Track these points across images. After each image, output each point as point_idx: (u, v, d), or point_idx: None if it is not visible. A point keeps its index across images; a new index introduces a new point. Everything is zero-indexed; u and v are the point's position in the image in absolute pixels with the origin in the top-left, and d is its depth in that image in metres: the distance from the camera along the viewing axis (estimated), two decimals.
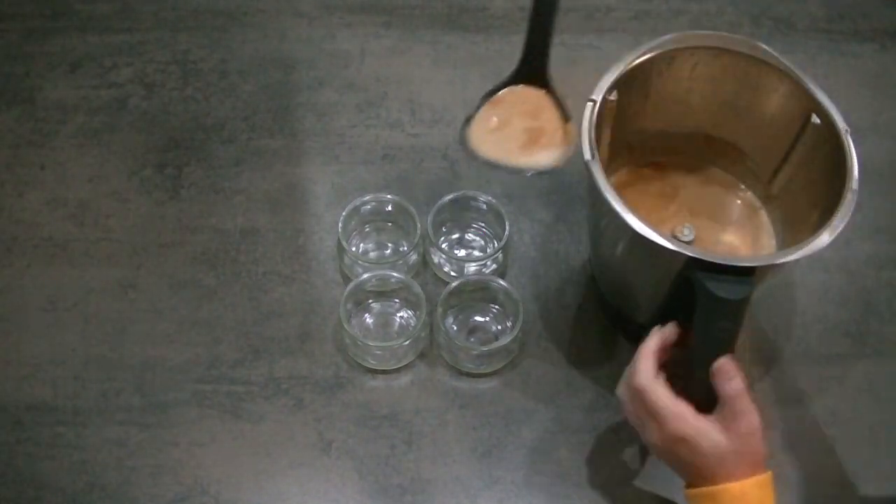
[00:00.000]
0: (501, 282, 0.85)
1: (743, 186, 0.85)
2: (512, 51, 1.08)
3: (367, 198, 0.90)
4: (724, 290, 0.63)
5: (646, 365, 0.68)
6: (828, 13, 1.12)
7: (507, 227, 0.88)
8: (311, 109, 1.03)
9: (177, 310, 0.88)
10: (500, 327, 0.86)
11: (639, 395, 0.67)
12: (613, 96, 0.75)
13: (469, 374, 0.85)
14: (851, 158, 0.70)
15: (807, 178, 0.77)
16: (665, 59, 0.77)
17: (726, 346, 0.65)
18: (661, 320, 0.70)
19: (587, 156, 0.70)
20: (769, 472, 0.65)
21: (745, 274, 0.64)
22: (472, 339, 0.85)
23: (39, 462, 0.80)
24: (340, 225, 0.88)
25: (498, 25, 1.10)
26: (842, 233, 0.68)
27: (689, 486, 0.67)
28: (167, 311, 0.88)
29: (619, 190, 0.69)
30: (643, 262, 0.73)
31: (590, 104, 0.72)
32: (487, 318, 0.87)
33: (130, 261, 0.91)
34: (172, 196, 0.96)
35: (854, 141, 0.71)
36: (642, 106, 0.80)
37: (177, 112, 1.02)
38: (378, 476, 0.80)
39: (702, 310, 0.65)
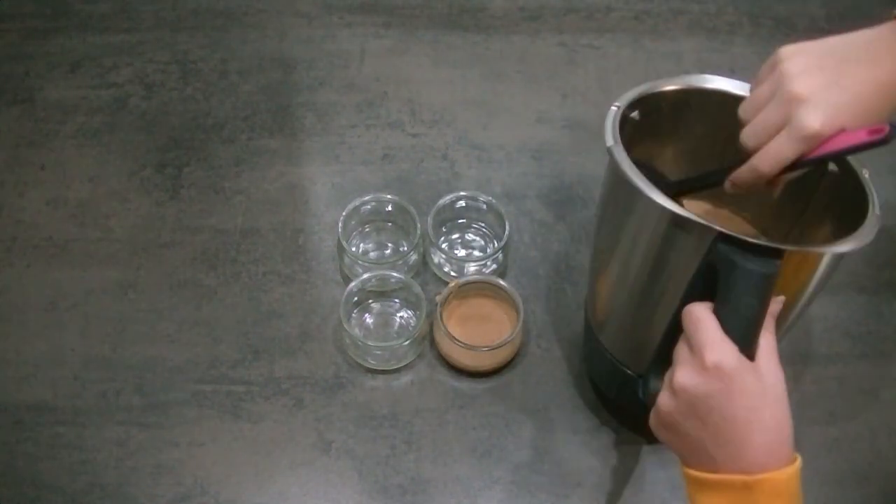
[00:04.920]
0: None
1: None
2: (512, 51, 1.09)
3: (367, 198, 0.90)
4: (752, 263, 0.59)
5: (700, 304, 0.61)
6: (828, 13, 1.12)
7: (507, 227, 0.88)
8: (311, 109, 1.03)
9: (177, 310, 0.88)
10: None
11: (687, 320, 0.60)
12: (636, 115, 0.72)
13: (469, 374, 0.85)
14: (873, 198, 0.67)
15: (825, 221, 0.74)
16: (693, 95, 0.73)
17: (752, 327, 0.60)
18: (664, 354, 0.66)
19: (609, 142, 0.66)
20: (799, 458, 0.57)
21: (774, 256, 0.60)
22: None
23: (39, 462, 0.80)
24: (340, 225, 0.88)
25: (498, 25, 1.11)
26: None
27: (704, 467, 0.58)
28: (167, 311, 0.88)
29: None
30: (669, 249, 0.68)
31: (613, 108, 0.69)
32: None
33: (130, 261, 0.91)
34: (172, 196, 0.96)
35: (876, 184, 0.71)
36: (669, 143, 0.77)
37: (177, 112, 1.02)
38: (378, 476, 0.80)
39: (727, 288, 0.61)
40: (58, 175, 0.97)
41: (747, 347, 0.59)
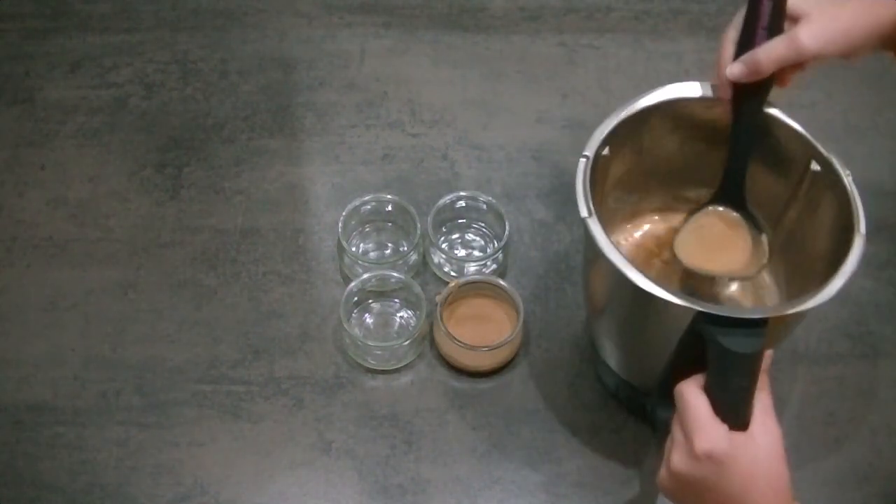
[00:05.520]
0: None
1: None
2: (512, 51, 1.09)
3: (367, 198, 0.90)
4: (736, 343, 0.60)
5: (692, 381, 0.63)
6: None
7: (507, 227, 0.88)
8: (311, 109, 1.03)
9: (177, 310, 0.88)
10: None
11: (679, 403, 0.63)
12: (607, 151, 0.72)
13: (469, 374, 0.85)
14: (856, 202, 0.68)
15: (809, 228, 0.75)
16: (656, 112, 0.74)
17: (743, 404, 0.62)
18: (669, 382, 0.66)
19: (584, 213, 0.68)
20: None
21: (758, 326, 0.61)
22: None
23: (39, 462, 0.80)
24: (340, 225, 0.88)
25: (498, 25, 1.11)
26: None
27: None
28: (167, 311, 0.88)
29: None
30: (650, 321, 0.70)
31: (583, 160, 0.70)
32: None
33: (130, 261, 0.91)
34: (172, 196, 0.96)
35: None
36: (636, 162, 0.78)
37: (177, 112, 1.02)
38: (378, 476, 0.80)
39: (714, 367, 0.62)
40: (58, 175, 0.97)
41: (739, 422, 0.61)
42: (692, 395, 0.62)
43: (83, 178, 0.97)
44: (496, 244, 0.89)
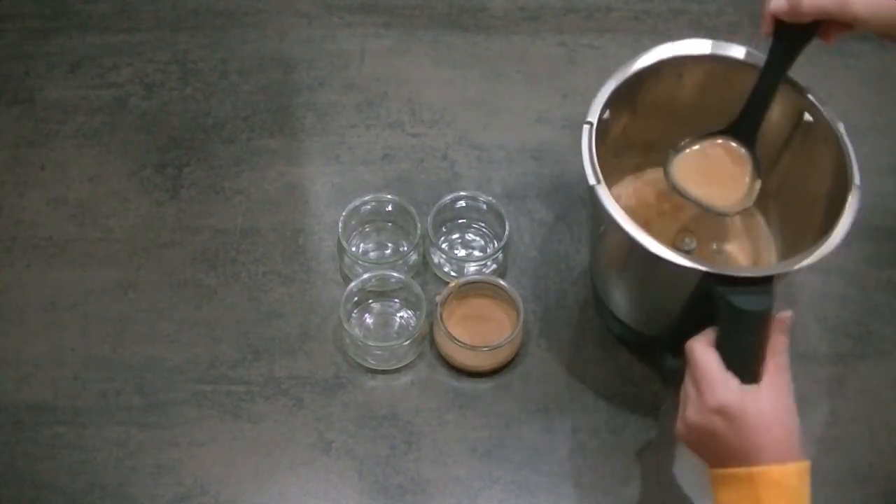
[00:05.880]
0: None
1: None
2: (512, 51, 1.09)
3: (367, 198, 0.90)
4: (746, 302, 0.63)
5: (703, 337, 0.66)
6: None
7: (507, 227, 0.88)
8: (311, 109, 1.03)
9: (177, 310, 0.88)
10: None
11: (689, 360, 0.66)
12: (608, 115, 0.75)
13: (469, 374, 0.85)
14: (850, 154, 0.70)
15: (803, 181, 0.77)
16: (652, 72, 0.77)
17: (752, 362, 0.64)
18: (677, 334, 0.69)
19: (592, 180, 0.70)
20: (807, 462, 0.62)
21: (765, 283, 0.64)
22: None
23: (39, 462, 0.80)
24: (340, 225, 0.88)
25: (498, 25, 1.11)
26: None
27: (720, 466, 0.64)
28: (167, 311, 0.88)
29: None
30: (659, 281, 0.73)
31: (586, 126, 0.72)
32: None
33: (130, 261, 0.91)
34: (172, 196, 0.96)
35: (853, 140, 0.72)
36: (631, 120, 0.80)
37: (177, 112, 1.02)
38: (378, 476, 0.80)
39: (725, 325, 0.64)
40: (58, 175, 0.97)
41: (750, 376, 0.63)
42: (703, 351, 0.65)
43: (83, 178, 0.97)
44: (496, 244, 0.89)
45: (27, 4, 1.11)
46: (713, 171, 0.76)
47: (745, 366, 0.63)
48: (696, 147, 0.77)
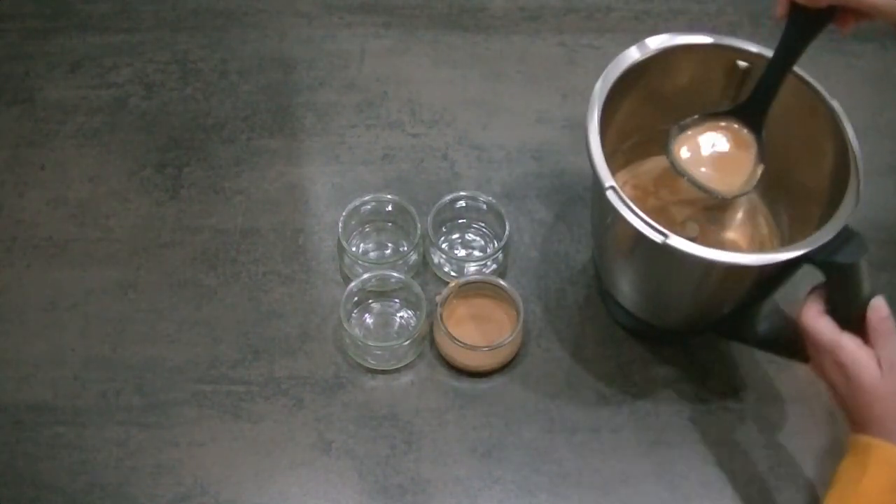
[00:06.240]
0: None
1: None
2: (512, 51, 1.09)
3: (367, 198, 0.90)
4: (848, 256, 0.67)
5: (810, 305, 0.69)
6: None
7: (507, 227, 0.88)
8: (311, 109, 1.03)
9: (177, 310, 0.88)
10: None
11: (804, 334, 0.69)
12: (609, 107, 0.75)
13: (469, 374, 0.85)
14: (852, 143, 0.71)
15: (806, 170, 0.78)
16: (650, 63, 0.77)
17: (862, 310, 0.68)
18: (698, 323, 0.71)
19: (607, 183, 0.69)
20: None
21: (854, 237, 0.68)
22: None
23: (39, 462, 0.80)
24: (340, 225, 0.88)
25: (498, 25, 1.11)
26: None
27: (853, 430, 0.67)
28: (167, 311, 0.88)
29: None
30: (712, 283, 0.74)
31: (594, 136, 0.71)
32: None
33: (130, 261, 0.91)
34: (172, 196, 0.96)
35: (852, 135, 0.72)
36: (634, 108, 0.81)
37: (177, 112, 1.02)
38: (378, 476, 0.80)
39: (835, 286, 0.68)
40: (58, 175, 0.97)
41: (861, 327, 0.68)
42: (834, 332, 0.67)
43: (83, 178, 0.97)
44: (496, 244, 0.89)
45: (27, 4, 1.11)
46: (716, 154, 0.76)
47: (859, 318, 0.67)
48: (700, 127, 0.77)
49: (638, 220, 0.67)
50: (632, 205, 0.67)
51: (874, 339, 0.66)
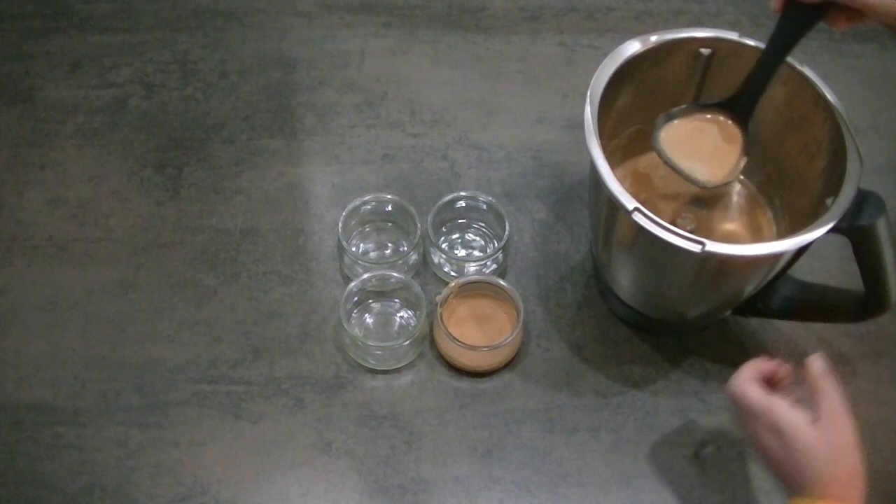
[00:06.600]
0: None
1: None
2: (512, 51, 1.09)
3: (367, 198, 0.90)
4: (866, 217, 0.68)
5: (739, 374, 0.69)
6: None
7: (507, 227, 0.88)
8: (311, 109, 1.03)
9: (177, 310, 0.88)
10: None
11: (735, 401, 0.69)
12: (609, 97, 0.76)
13: (469, 374, 0.85)
14: (850, 136, 0.71)
15: (803, 163, 0.78)
16: (646, 57, 0.78)
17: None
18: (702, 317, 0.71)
19: (629, 206, 0.68)
20: None
21: (870, 199, 0.68)
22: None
23: (39, 462, 0.80)
24: (340, 225, 0.88)
25: (498, 25, 1.11)
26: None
27: (791, 495, 0.66)
28: (167, 311, 0.88)
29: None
30: (734, 274, 0.74)
31: (596, 151, 0.71)
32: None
33: (130, 261, 0.91)
34: (172, 196, 0.96)
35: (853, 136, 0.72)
36: (632, 102, 0.81)
37: (177, 112, 1.02)
38: (378, 476, 0.80)
39: (862, 249, 0.69)
40: (58, 175, 0.97)
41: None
42: (765, 397, 0.67)
43: (83, 178, 0.97)
44: (496, 244, 0.89)
45: (27, 4, 1.11)
46: (701, 145, 0.76)
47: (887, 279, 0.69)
48: (687, 118, 0.77)
49: (673, 237, 0.67)
50: (661, 221, 0.67)
51: (813, 396, 0.66)
